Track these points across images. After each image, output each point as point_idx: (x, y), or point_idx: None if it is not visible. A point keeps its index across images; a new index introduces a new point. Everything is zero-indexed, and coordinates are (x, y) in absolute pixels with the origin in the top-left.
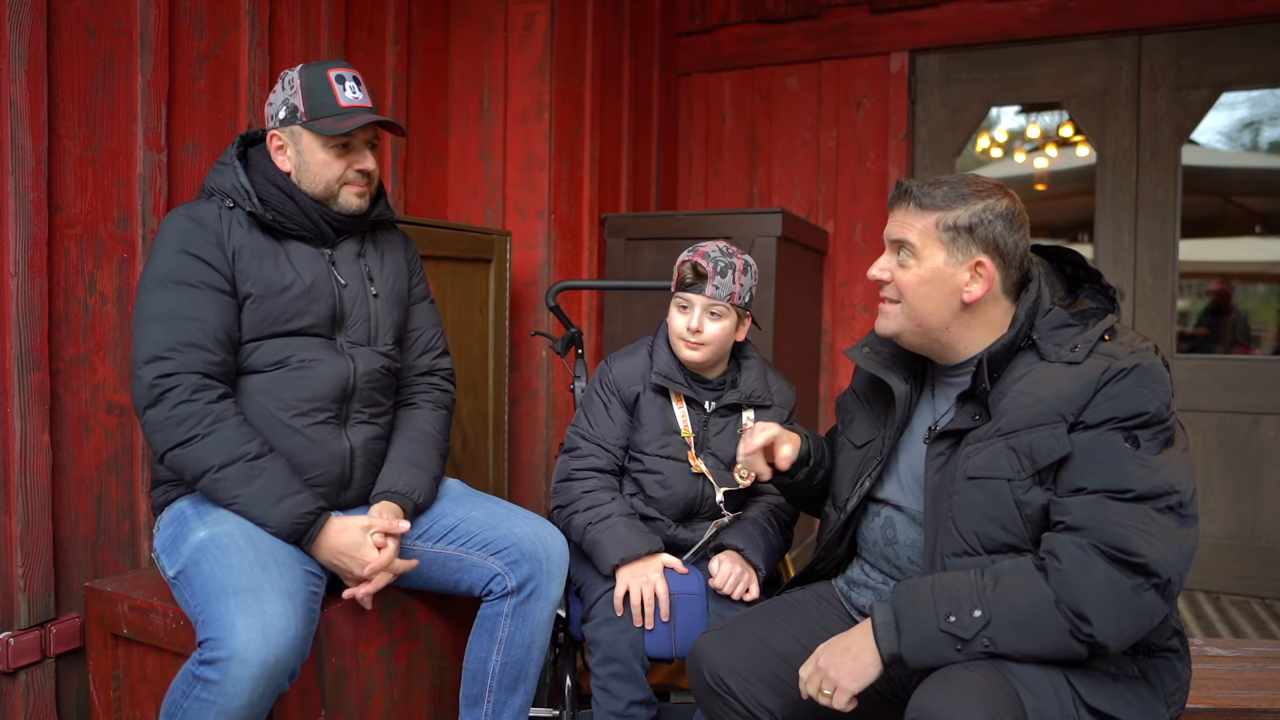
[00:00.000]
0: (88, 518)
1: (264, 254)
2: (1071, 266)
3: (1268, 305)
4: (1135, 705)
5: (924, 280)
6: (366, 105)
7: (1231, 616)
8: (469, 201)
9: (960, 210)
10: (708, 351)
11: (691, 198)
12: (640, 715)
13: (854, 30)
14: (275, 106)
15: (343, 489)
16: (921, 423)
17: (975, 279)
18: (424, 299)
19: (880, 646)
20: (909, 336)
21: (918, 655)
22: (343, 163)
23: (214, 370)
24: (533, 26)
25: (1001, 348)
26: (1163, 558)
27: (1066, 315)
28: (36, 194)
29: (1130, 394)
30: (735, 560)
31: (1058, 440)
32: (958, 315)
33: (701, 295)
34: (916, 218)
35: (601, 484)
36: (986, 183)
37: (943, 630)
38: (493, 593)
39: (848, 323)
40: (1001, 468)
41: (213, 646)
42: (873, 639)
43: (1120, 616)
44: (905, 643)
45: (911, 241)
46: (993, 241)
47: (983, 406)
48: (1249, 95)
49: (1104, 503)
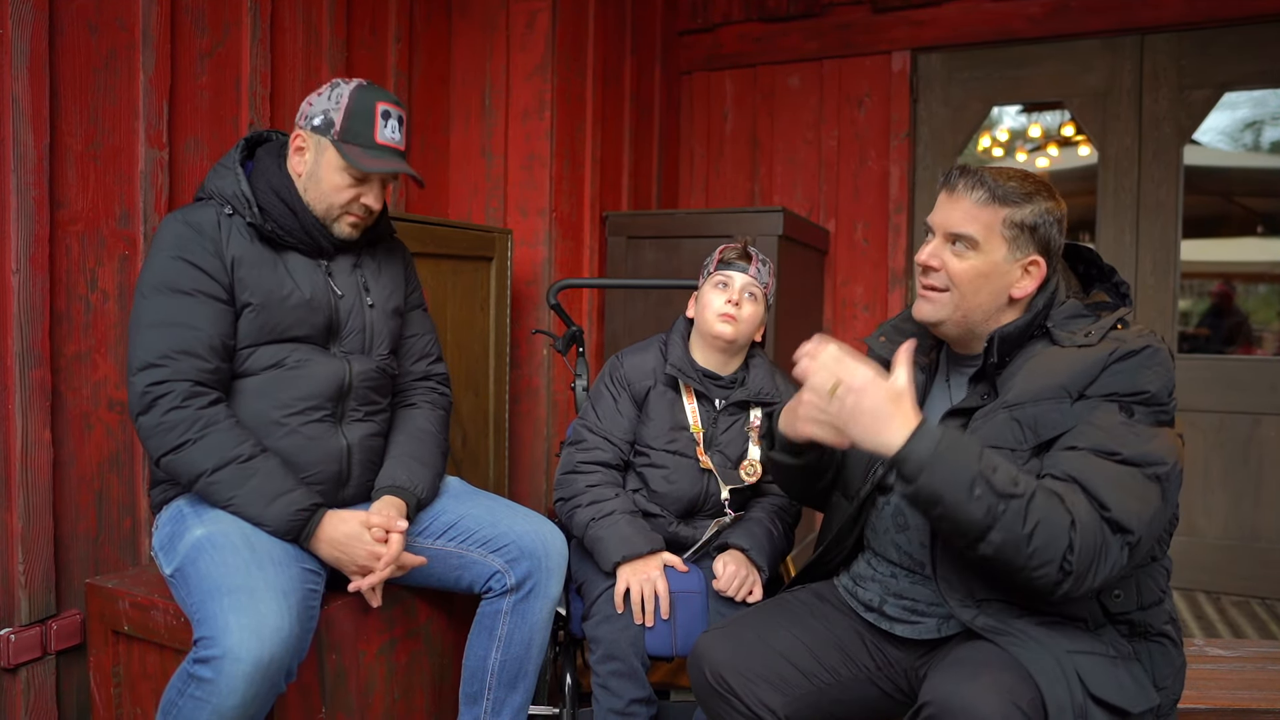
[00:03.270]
0: (89, 514)
1: (263, 263)
2: (1085, 264)
3: (1269, 305)
4: (1132, 690)
5: (981, 274)
6: (400, 149)
7: (1232, 617)
8: (470, 199)
9: (1028, 208)
10: (740, 329)
11: (693, 196)
12: (640, 713)
13: (856, 29)
14: (314, 110)
15: (340, 486)
16: (935, 409)
17: (1026, 276)
18: (419, 306)
19: (913, 439)
20: (950, 326)
21: (939, 473)
22: (352, 192)
23: (207, 377)
24: (534, 24)
25: (1015, 329)
26: (1136, 515)
27: (1081, 306)
28: (38, 191)
29: (1134, 372)
30: (739, 561)
31: (1063, 415)
32: (1001, 307)
33: (744, 274)
34: (984, 210)
35: (606, 479)
36: (1045, 183)
37: (980, 471)
38: (492, 590)
39: (849, 322)
40: (1005, 438)
41: (207, 645)
42: (906, 430)
43: (1096, 560)
44: (939, 454)
45: (974, 235)
46: (1046, 242)
47: (992, 385)
48: (1251, 95)
49: (1090, 458)
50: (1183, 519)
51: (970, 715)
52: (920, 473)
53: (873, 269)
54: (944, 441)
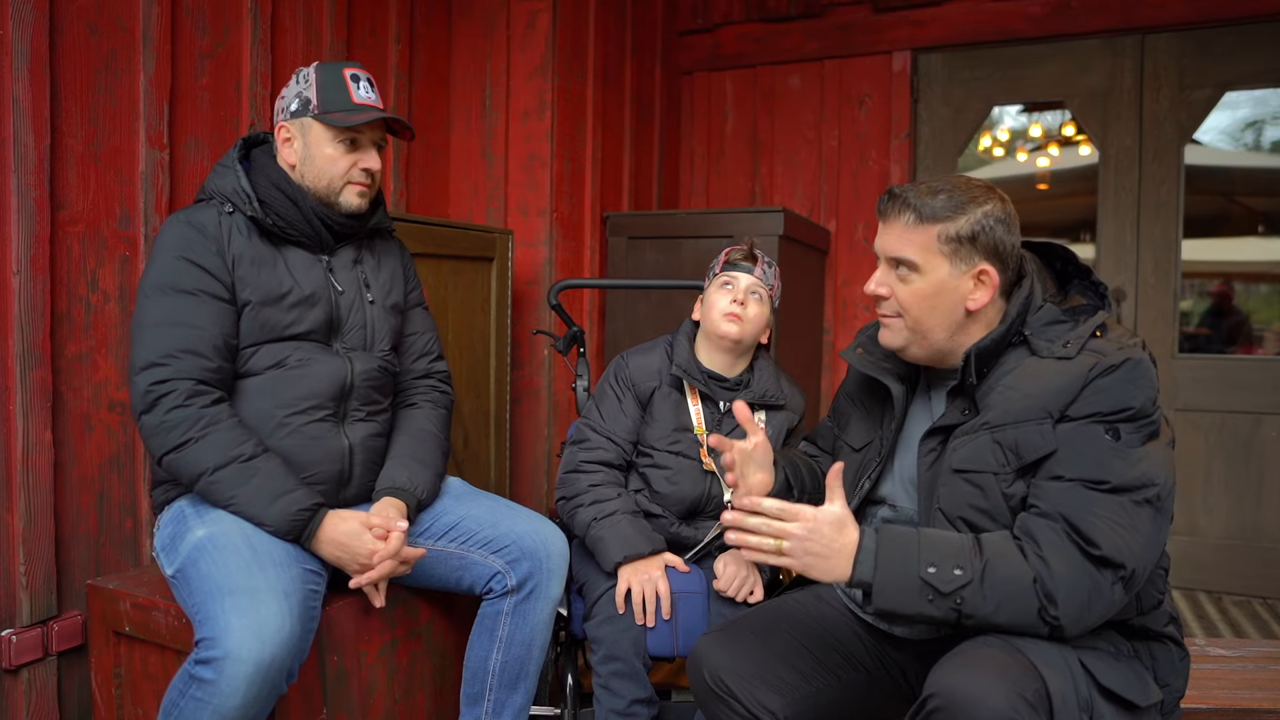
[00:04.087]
0: (90, 515)
1: (263, 261)
2: (1061, 262)
3: (1270, 305)
4: (1138, 685)
5: (928, 295)
6: (378, 105)
7: (1233, 616)
8: (471, 200)
9: (961, 220)
10: (745, 329)
11: (693, 196)
12: (642, 714)
13: (856, 29)
14: (288, 99)
15: (342, 486)
16: (916, 422)
17: (979, 286)
18: (419, 304)
19: (856, 569)
20: (914, 349)
21: (887, 593)
22: (349, 159)
23: (209, 376)
24: (535, 25)
25: (990, 343)
26: (1126, 548)
27: (1058, 311)
28: (39, 192)
29: (1115, 389)
30: (740, 562)
31: (1044, 437)
32: (961, 323)
33: (750, 275)
34: (915, 232)
35: (608, 478)
36: (979, 185)
37: (921, 577)
38: (493, 591)
39: (849, 322)
40: (987, 461)
41: (208, 646)
42: (852, 559)
43: (1085, 605)
44: (880, 576)
45: (911, 258)
46: (993, 247)
47: (971, 401)
48: (1252, 95)
49: (1079, 490)
50: (1184, 519)
51: (976, 706)
52: (874, 596)
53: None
54: (880, 553)
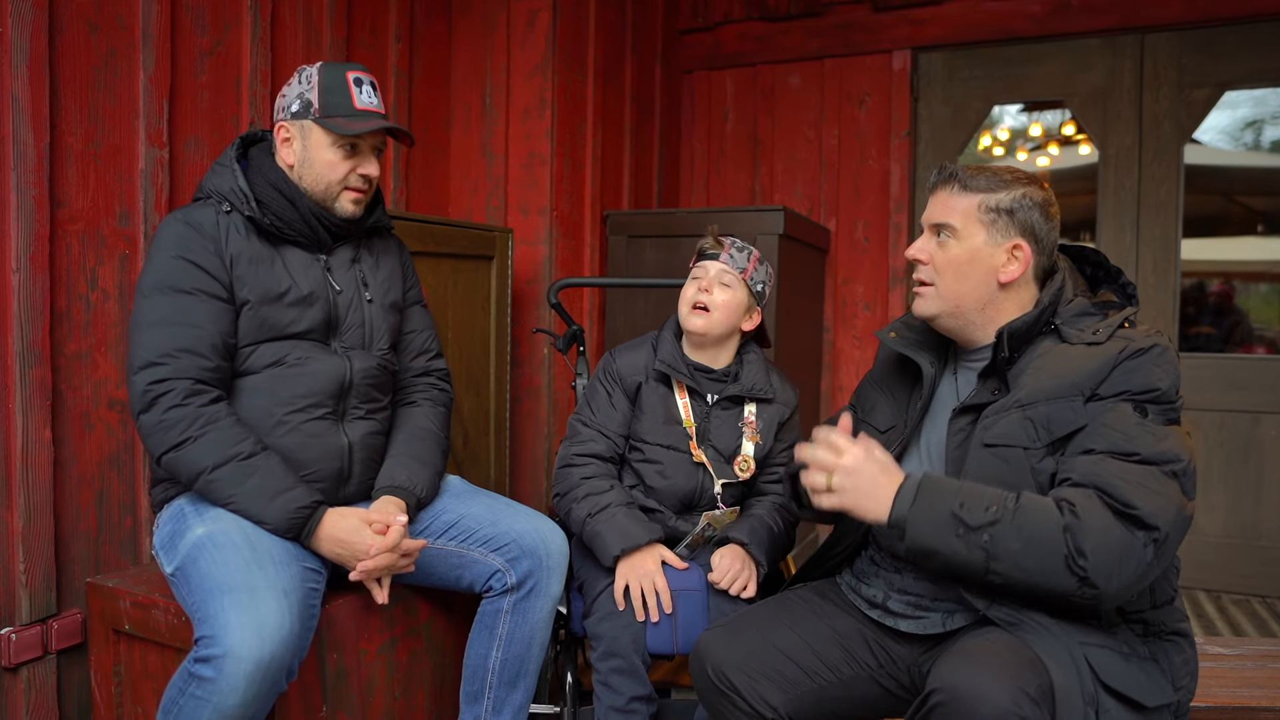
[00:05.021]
0: (89, 514)
1: (260, 260)
2: (1092, 267)
3: (1269, 305)
4: (1146, 686)
5: (964, 260)
6: (380, 111)
7: (1232, 615)
8: (471, 198)
9: (1002, 194)
10: (712, 320)
11: (694, 195)
12: (641, 711)
13: (856, 28)
14: (289, 99)
15: (341, 484)
16: (943, 404)
17: (1012, 260)
18: (418, 302)
19: (895, 503)
20: (945, 319)
21: (919, 524)
22: (348, 165)
23: (208, 376)
24: (535, 23)
25: (1023, 325)
26: (1160, 511)
27: (1088, 305)
28: (38, 190)
29: (1144, 370)
30: (735, 555)
31: (1075, 413)
32: (993, 296)
33: (715, 262)
34: (959, 198)
35: (600, 471)
36: (1024, 173)
37: (952, 512)
38: (493, 589)
39: (849, 320)
40: (1018, 436)
41: (208, 644)
42: (894, 494)
43: (1117, 562)
44: (914, 510)
45: (953, 224)
46: (1030, 226)
47: (1002, 381)
48: (1252, 94)
49: (1110, 461)
50: None
51: (979, 702)
52: (906, 529)
53: (873, 268)
54: (920, 491)
